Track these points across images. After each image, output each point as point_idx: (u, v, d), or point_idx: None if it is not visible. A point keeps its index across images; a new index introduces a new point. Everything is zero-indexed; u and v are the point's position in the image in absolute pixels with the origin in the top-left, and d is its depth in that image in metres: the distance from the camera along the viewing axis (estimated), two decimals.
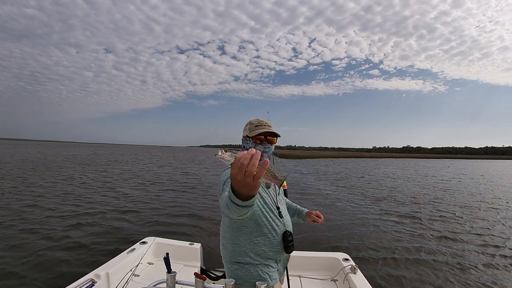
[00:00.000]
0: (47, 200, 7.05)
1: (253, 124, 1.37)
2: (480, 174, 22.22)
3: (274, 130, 1.36)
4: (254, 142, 1.34)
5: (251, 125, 1.38)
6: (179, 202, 7.46)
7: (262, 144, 1.33)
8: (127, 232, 4.76)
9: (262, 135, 1.34)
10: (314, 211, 1.62)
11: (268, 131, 1.34)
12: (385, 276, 3.46)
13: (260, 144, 1.33)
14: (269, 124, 1.38)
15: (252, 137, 1.34)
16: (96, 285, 1.81)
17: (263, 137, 1.34)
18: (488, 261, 4.02)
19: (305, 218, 1.62)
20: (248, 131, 1.37)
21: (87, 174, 13.30)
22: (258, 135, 1.33)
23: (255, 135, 1.33)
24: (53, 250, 3.84)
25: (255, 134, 1.33)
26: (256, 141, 1.34)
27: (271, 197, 1.34)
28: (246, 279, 1.22)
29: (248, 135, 1.36)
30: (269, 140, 1.36)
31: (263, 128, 1.33)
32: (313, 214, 1.60)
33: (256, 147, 1.31)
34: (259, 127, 1.34)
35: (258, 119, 1.39)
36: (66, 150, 47.24)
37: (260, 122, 1.37)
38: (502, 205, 8.61)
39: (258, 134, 1.33)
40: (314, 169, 23.36)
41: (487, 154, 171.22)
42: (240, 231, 1.25)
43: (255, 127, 1.36)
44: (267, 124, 1.37)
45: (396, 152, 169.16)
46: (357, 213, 6.88)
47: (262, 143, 1.34)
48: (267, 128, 1.34)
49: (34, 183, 9.55)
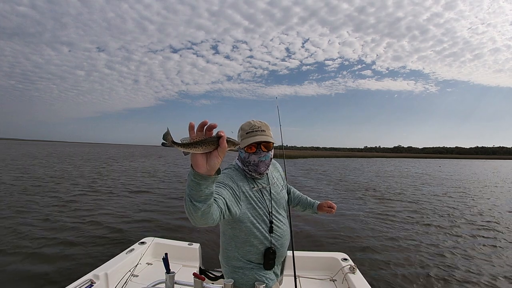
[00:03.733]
0: (47, 199, 7.03)
1: (244, 131, 1.23)
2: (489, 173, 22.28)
3: (267, 135, 1.22)
4: (247, 152, 1.21)
5: (243, 132, 1.23)
6: (178, 202, 7.45)
7: (256, 154, 1.20)
8: (126, 232, 4.75)
9: (255, 143, 1.20)
10: (325, 202, 1.53)
11: (260, 141, 1.19)
12: (384, 276, 3.46)
13: (254, 154, 1.20)
14: (263, 128, 1.22)
15: (243, 147, 1.21)
16: (95, 286, 1.80)
17: (255, 147, 1.20)
18: (489, 262, 4.04)
19: (317, 211, 1.54)
20: (239, 138, 1.25)
21: (83, 173, 13.27)
22: (251, 145, 1.20)
23: (245, 146, 1.20)
24: (52, 251, 3.82)
25: (245, 145, 1.20)
26: (248, 150, 1.21)
27: (266, 210, 1.24)
28: (243, 282, 1.22)
29: (239, 145, 1.23)
30: (264, 147, 1.22)
31: (254, 135, 1.20)
32: (324, 206, 1.52)
33: (250, 157, 1.21)
34: (251, 134, 1.20)
35: (250, 123, 1.24)
36: (60, 149, 47.03)
37: (252, 128, 1.21)
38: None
39: (249, 144, 1.19)
40: (307, 168, 23.46)
41: (478, 154, 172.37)
42: (231, 239, 1.23)
43: (246, 134, 1.21)
44: (260, 128, 1.21)
45: (387, 152, 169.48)
46: (356, 212, 6.89)
47: (256, 152, 1.20)
48: (259, 135, 1.20)
49: (32, 183, 9.53)
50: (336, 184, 12.79)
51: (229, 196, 1.09)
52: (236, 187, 1.17)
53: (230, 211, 1.06)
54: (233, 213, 1.09)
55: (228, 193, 1.10)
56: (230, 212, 1.06)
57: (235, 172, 1.25)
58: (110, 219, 5.57)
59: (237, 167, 1.29)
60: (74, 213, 5.85)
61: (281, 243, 1.27)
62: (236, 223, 1.17)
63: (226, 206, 1.04)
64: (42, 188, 8.80)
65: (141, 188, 9.63)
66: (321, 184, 12.67)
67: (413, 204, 8.35)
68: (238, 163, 1.31)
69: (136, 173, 14.67)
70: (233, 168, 1.28)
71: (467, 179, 17.44)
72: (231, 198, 1.10)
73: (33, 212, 5.79)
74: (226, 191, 1.10)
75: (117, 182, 11.05)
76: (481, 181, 16.74)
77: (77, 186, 9.52)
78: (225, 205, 1.03)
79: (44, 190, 8.35)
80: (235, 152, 1.37)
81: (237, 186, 1.17)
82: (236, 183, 1.19)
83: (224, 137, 0.66)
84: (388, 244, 4.62)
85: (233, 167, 1.29)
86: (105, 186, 9.73)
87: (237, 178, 1.21)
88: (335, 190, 11.01)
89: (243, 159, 1.25)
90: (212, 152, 0.70)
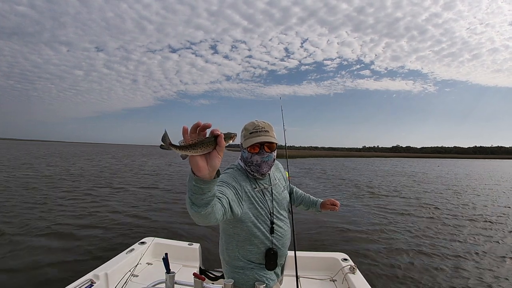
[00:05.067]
0: (47, 199, 7.03)
1: (248, 131, 1.23)
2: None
3: (271, 136, 1.23)
4: (250, 152, 1.22)
5: (246, 132, 1.24)
6: (178, 201, 7.45)
7: (259, 154, 1.20)
8: (126, 232, 4.75)
9: (258, 143, 1.20)
10: (328, 200, 1.52)
11: (263, 141, 1.19)
12: (385, 276, 3.47)
13: (257, 154, 1.20)
14: (267, 128, 1.23)
15: (246, 147, 1.22)
16: (95, 286, 1.80)
17: (258, 147, 1.21)
18: (490, 266, 4.04)
19: (320, 209, 1.54)
20: (243, 138, 1.25)
21: (82, 173, 13.27)
22: (254, 145, 1.20)
23: (248, 146, 1.21)
24: (52, 251, 3.82)
25: (248, 145, 1.20)
26: (251, 151, 1.21)
27: (268, 211, 1.24)
28: (243, 282, 1.22)
29: (242, 144, 1.25)
30: (267, 147, 1.22)
31: (258, 135, 1.20)
32: (327, 204, 1.51)
33: (253, 158, 1.21)
34: (254, 134, 1.20)
35: (254, 123, 1.24)
36: (60, 149, 47.01)
37: (256, 128, 1.21)
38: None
39: (252, 144, 1.20)
40: (306, 167, 23.52)
41: (476, 154, 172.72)
42: (232, 238, 1.23)
43: (249, 134, 1.22)
44: (264, 129, 1.22)
45: (385, 152, 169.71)
46: (356, 212, 6.89)
47: (259, 153, 1.21)
48: (263, 135, 1.20)
49: (30, 182, 9.53)
50: (335, 184, 12.78)
51: (232, 195, 1.10)
52: (239, 187, 1.17)
53: (233, 210, 1.07)
54: (235, 212, 1.09)
55: (231, 192, 1.10)
56: (232, 211, 1.07)
57: (237, 172, 1.25)
58: (110, 219, 5.56)
59: (239, 167, 1.29)
60: (73, 213, 5.85)
61: (282, 243, 1.28)
62: (238, 222, 1.18)
63: (229, 205, 1.04)
64: (42, 188, 8.79)
65: (141, 188, 9.64)
66: (320, 184, 12.67)
67: (413, 204, 8.34)
68: (240, 163, 1.31)
69: (136, 173, 14.67)
70: (235, 168, 1.28)
71: (466, 178, 17.45)
72: (233, 197, 1.10)
73: (33, 212, 5.78)
74: (230, 191, 1.10)
75: (117, 182, 11.05)
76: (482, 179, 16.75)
77: (77, 186, 9.52)
78: (228, 204, 1.03)
79: (44, 190, 8.35)
80: (237, 153, 1.38)
81: (239, 186, 1.18)
82: (239, 183, 1.19)
83: (221, 135, 0.65)
84: (388, 244, 4.62)
85: (235, 167, 1.29)
86: (105, 186, 9.73)
87: (240, 178, 1.22)
88: (334, 189, 11.01)
89: (246, 159, 1.25)
90: (211, 152, 0.68)
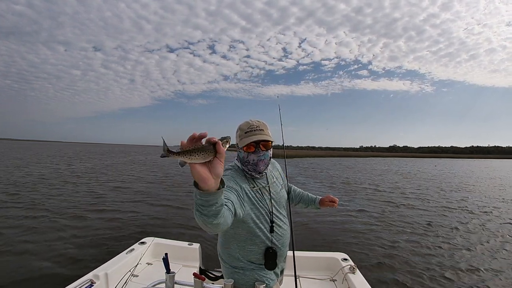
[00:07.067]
0: (46, 200, 7.02)
1: (243, 130, 1.23)
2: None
3: (266, 134, 1.23)
4: (246, 151, 1.22)
5: (241, 131, 1.23)
6: (178, 202, 7.45)
7: (255, 153, 1.21)
8: (126, 232, 4.75)
9: (254, 142, 1.20)
10: (327, 197, 1.53)
11: (258, 140, 1.20)
12: (384, 276, 3.47)
13: (253, 153, 1.21)
14: (261, 127, 1.23)
15: (242, 147, 1.22)
16: (95, 286, 1.80)
17: (254, 146, 1.21)
18: (492, 265, 4.04)
19: (319, 206, 1.54)
20: (238, 138, 1.25)
21: (82, 173, 13.27)
22: (249, 144, 1.20)
23: (244, 145, 1.21)
24: (52, 251, 3.82)
25: (244, 144, 1.20)
26: (247, 150, 1.21)
27: (267, 210, 1.25)
28: (243, 282, 1.22)
29: (238, 144, 1.25)
30: (263, 146, 1.22)
31: (253, 134, 1.20)
32: (326, 200, 1.52)
33: (249, 157, 1.21)
34: (249, 133, 1.20)
35: (249, 123, 1.24)
36: (60, 149, 46.96)
37: (250, 127, 1.22)
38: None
39: (248, 143, 1.20)
40: (304, 167, 23.51)
41: (473, 154, 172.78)
42: (233, 238, 1.23)
43: (244, 134, 1.22)
44: (259, 128, 1.22)
45: (383, 152, 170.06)
46: (355, 212, 6.89)
47: (255, 151, 1.21)
48: (258, 134, 1.20)
49: (29, 181, 9.52)
50: (334, 184, 12.79)
51: (235, 199, 1.10)
52: (239, 188, 1.17)
53: (236, 214, 1.07)
54: (238, 215, 1.09)
55: (234, 196, 1.10)
56: (236, 214, 1.07)
57: (235, 172, 1.25)
58: (110, 219, 5.56)
59: (237, 168, 1.29)
60: (73, 214, 5.84)
61: (281, 242, 1.28)
62: (239, 223, 1.17)
63: (234, 209, 1.04)
64: (42, 188, 8.79)
65: (141, 188, 9.63)
66: (318, 184, 12.68)
67: (413, 204, 8.34)
68: (237, 163, 1.31)
69: (136, 173, 14.66)
70: (233, 169, 1.27)
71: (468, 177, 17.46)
72: (236, 200, 1.10)
73: (32, 212, 5.78)
74: (233, 195, 1.10)
75: (117, 182, 11.04)
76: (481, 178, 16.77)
77: (77, 186, 9.51)
78: (233, 208, 1.04)
79: (43, 190, 8.35)
80: (234, 153, 1.37)
81: (240, 188, 1.18)
82: (239, 184, 1.19)
83: (219, 142, 0.65)
84: (388, 244, 4.62)
85: (233, 168, 1.28)
86: (105, 186, 9.72)
87: (239, 179, 1.21)
88: (333, 189, 11.01)
89: (242, 158, 1.25)
90: (213, 161, 0.66)
